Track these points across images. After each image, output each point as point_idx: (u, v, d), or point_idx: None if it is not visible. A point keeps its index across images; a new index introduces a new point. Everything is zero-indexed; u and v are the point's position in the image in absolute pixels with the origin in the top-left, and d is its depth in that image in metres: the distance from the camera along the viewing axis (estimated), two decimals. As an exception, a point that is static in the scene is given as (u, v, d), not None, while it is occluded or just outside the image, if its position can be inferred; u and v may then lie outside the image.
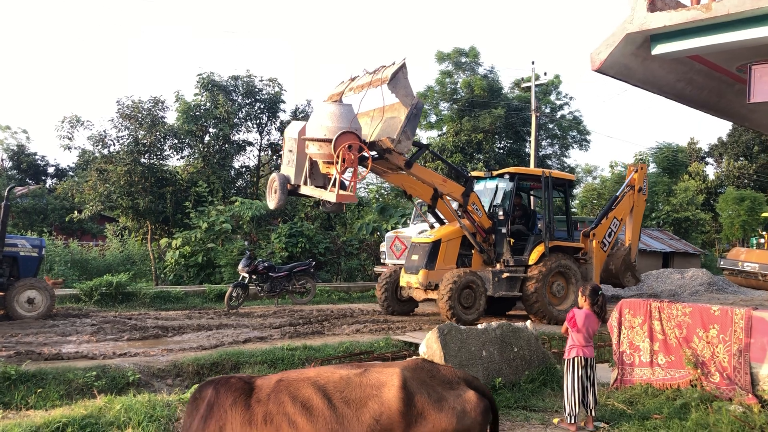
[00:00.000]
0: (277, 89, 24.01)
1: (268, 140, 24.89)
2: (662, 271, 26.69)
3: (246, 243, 18.56)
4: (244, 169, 24.64)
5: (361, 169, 11.52)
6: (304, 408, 3.24)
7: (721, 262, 29.33)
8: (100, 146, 20.93)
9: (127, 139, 21.10)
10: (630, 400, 7.20)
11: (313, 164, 12.25)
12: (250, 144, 24.34)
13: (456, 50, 33.95)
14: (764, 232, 29.83)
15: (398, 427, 3.26)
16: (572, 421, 6.35)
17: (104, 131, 21.05)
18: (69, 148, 21.14)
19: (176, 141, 22.17)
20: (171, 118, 22.37)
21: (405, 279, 13.51)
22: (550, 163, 37.21)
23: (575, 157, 52.39)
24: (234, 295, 15.08)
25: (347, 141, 10.97)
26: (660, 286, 24.78)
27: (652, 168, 43.58)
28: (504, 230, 13.55)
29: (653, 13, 7.52)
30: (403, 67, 11.40)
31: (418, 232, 17.27)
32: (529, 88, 33.43)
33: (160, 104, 21.41)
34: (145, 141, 21.18)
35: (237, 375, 3.69)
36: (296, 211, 22.78)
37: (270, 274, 15.80)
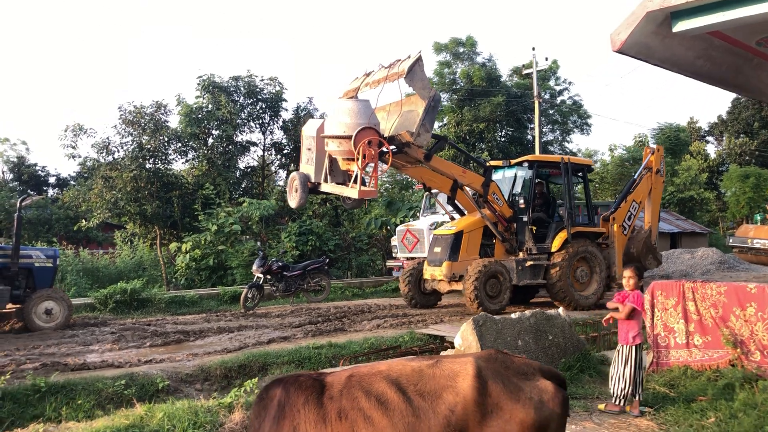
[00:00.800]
0: (278, 88, 23.89)
1: (271, 140, 24.78)
2: (672, 252, 26.59)
3: (259, 243, 18.46)
4: (249, 170, 24.50)
5: (381, 164, 11.46)
6: (378, 402, 3.14)
7: (730, 240, 29.30)
8: (104, 153, 20.80)
9: (131, 145, 20.97)
10: (671, 382, 7.11)
11: (333, 161, 12.19)
12: (254, 144, 24.23)
13: (453, 40, 33.83)
14: (772, 208, 29.82)
15: (473, 418, 3.16)
16: (621, 403, 6.30)
17: (108, 138, 20.96)
18: (73, 156, 21.02)
19: (180, 145, 22.02)
20: (173, 121, 22.25)
21: (429, 271, 13.48)
22: (552, 148, 37.08)
23: (577, 141, 52.35)
24: (249, 296, 14.99)
25: (367, 137, 10.92)
26: (671, 267, 24.67)
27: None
28: (525, 218, 13.53)
29: (675, -11, 7.42)
30: (419, 60, 11.37)
31: (429, 224, 17.20)
32: (528, 74, 33.39)
33: (163, 108, 21.29)
34: (149, 146, 21.04)
35: (304, 372, 3.58)
36: (304, 209, 22.66)
37: (284, 273, 15.72)
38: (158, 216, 21.00)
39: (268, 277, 15.54)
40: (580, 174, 14.70)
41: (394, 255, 18.36)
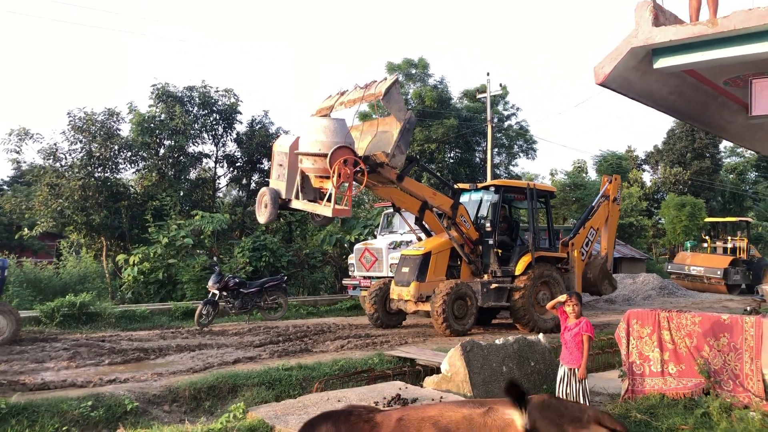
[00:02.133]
0: (233, 100, 23.52)
1: (223, 152, 24.34)
2: (614, 277, 27.20)
3: (215, 258, 18.05)
4: (200, 182, 23.99)
5: (354, 183, 11.46)
6: None
7: (669, 266, 30.38)
8: (51, 160, 20.01)
9: (80, 152, 20.25)
10: (650, 410, 7.24)
11: (305, 178, 12.06)
12: (207, 156, 23.73)
13: (406, 61, 34.10)
14: (707, 237, 31.03)
15: None
16: None
17: (55, 144, 20.17)
18: (17, 162, 20.14)
19: (130, 154, 21.40)
20: (125, 130, 21.62)
21: (396, 291, 13.46)
22: (498, 171, 37.69)
23: (522, 165, 53.40)
24: (204, 312, 14.61)
25: (343, 156, 10.92)
26: (614, 292, 25.22)
27: (593, 176, 44.80)
28: (491, 241, 13.71)
29: (658, 27, 7.65)
30: (396, 82, 11.54)
31: (388, 243, 17.18)
32: (478, 98, 33.95)
33: (115, 116, 20.66)
34: (99, 154, 20.38)
35: (353, 409, 3.46)
36: (257, 224, 22.32)
37: (241, 290, 15.40)
38: (106, 226, 20.31)
39: (224, 293, 15.19)
40: (542, 200, 14.97)
41: (350, 273, 18.23)
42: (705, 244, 30.67)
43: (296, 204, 12.37)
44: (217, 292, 14.93)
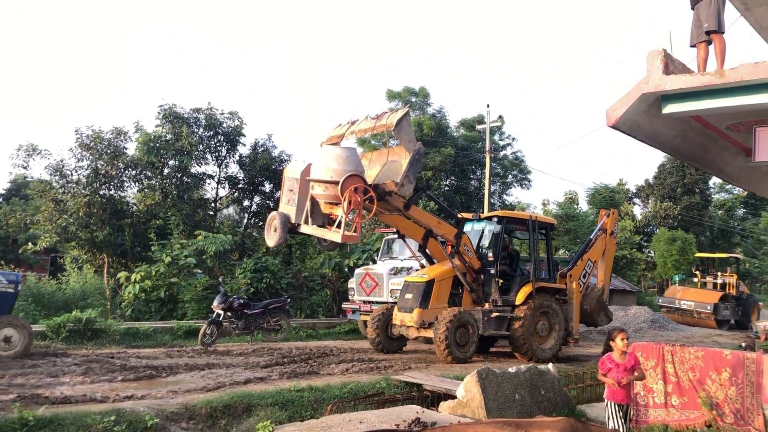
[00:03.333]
0: (237, 122, 23.90)
1: (226, 173, 24.67)
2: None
3: (220, 279, 18.26)
4: (201, 202, 24.26)
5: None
6: None
7: (659, 300, 30.80)
8: (58, 176, 20.25)
9: (87, 169, 20.52)
10: (656, 441, 7.56)
11: (314, 204, 12.37)
12: (210, 177, 24.06)
13: (406, 89, 34.75)
14: (697, 272, 31.52)
15: None
16: None
17: (62, 160, 20.43)
18: (25, 177, 20.37)
19: (135, 172, 21.68)
20: (131, 148, 21.92)
21: (399, 317, 13.72)
22: (492, 200, 38.25)
23: (516, 194, 54.30)
24: (208, 332, 14.82)
25: (354, 184, 11.26)
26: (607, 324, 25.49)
27: (584, 207, 45.41)
28: (493, 271, 14.02)
29: (668, 75, 8.10)
30: (407, 114, 11.91)
31: (389, 268, 17.49)
32: (475, 128, 34.57)
33: (123, 135, 20.97)
34: (105, 171, 20.64)
35: (396, 428, 3.73)
36: (257, 245, 22.59)
37: (245, 311, 15.62)
38: (108, 243, 20.50)
39: (228, 313, 15.41)
40: (543, 231, 15.34)
41: (350, 297, 18.48)
42: (695, 279, 31.14)
43: (305, 229, 12.67)
44: (221, 312, 15.13)
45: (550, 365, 8.43)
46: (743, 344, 13.89)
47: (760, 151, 8.14)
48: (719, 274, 29.79)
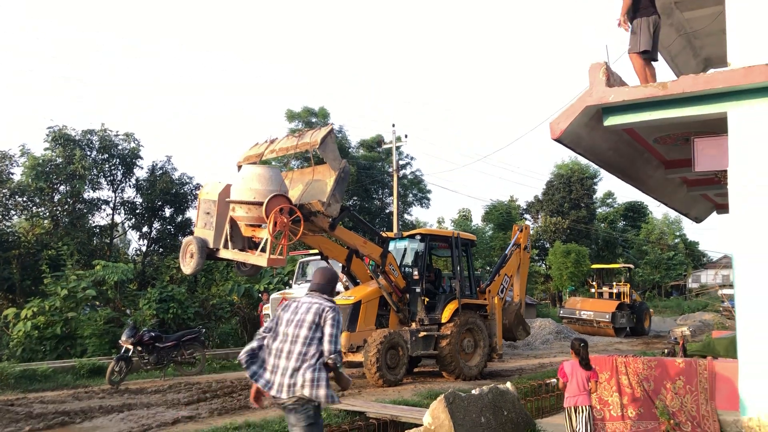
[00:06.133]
0: (133, 144, 22.63)
1: (121, 198, 23.25)
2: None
3: (128, 311, 17.01)
4: (97, 230, 22.71)
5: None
6: None
7: (561, 311, 31.80)
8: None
9: (-35, 197, 18.76)
10: (619, 454, 7.47)
11: (233, 226, 11.69)
12: (105, 202, 22.57)
13: (306, 110, 34.38)
14: (594, 282, 32.83)
15: None
16: None
17: (-65, 188, 18.56)
18: None
19: (23, 199, 19.99)
20: (17, 173, 20.21)
21: None
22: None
23: (415, 213, 55.06)
24: (116, 369, 13.68)
25: (279, 204, 10.76)
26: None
27: (479, 224, 46.49)
28: (418, 289, 13.78)
29: (611, 87, 8.18)
30: (331, 131, 11.57)
31: (306, 292, 16.90)
32: (374, 148, 34.70)
33: (8, 159, 19.30)
34: (-13, 199, 18.95)
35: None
36: (160, 273, 21.36)
37: (157, 344, 14.57)
38: (-6, 278, 18.75)
39: (138, 348, 14.32)
40: (464, 248, 15.31)
41: (265, 324, 17.70)
42: (592, 290, 32.41)
43: (225, 254, 11.98)
44: (131, 347, 14.04)
45: (508, 384, 8.22)
46: (665, 351, 14.36)
47: (699, 162, 8.33)
48: (615, 284, 31.13)
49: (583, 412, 7.21)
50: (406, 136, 30.60)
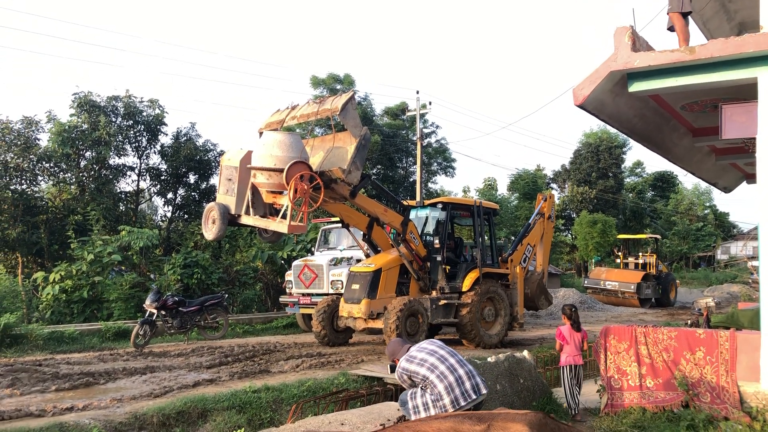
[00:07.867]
0: (158, 111, 22.69)
1: (146, 164, 23.41)
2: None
3: (152, 276, 17.23)
4: (123, 195, 22.93)
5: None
6: None
7: (585, 281, 31.56)
8: (-39, 171, 18.64)
9: (-6, 163, 18.98)
10: (636, 424, 7.41)
11: (255, 193, 11.68)
12: (131, 168, 22.75)
13: (331, 76, 34.07)
14: (619, 253, 32.47)
15: None
16: (572, 413, 7.90)
17: (-35, 154, 18.81)
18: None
19: (50, 165, 20.21)
20: (43, 139, 20.41)
21: (346, 309, 13.23)
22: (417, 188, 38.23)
23: (440, 182, 54.94)
24: (141, 333, 13.97)
25: (300, 171, 10.65)
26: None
27: (505, 193, 46.16)
28: (439, 258, 13.73)
29: (636, 52, 7.94)
30: (352, 98, 11.42)
31: (328, 260, 16.96)
32: (401, 115, 34.41)
33: (34, 125, 19.48)
34: (15, 165, 19.14)
35: None
36: (184, 239, 21.56)
37: (180, 309, 14.76)
38: (22, 242, 19.03)
39: (162, 312, 14.53)
40: (486, 216, 15.18)
41: (288, 291, 17.82)
42: (617, 260, 32.07)
43: (246, 220, 11.97)
44: (155, 311, 14.25)
45: (525, 352, 8.19)
46: (689, 321, 14.20)
47: (727, 129, 8.11)
48: (641, 254, 30.77)
49: (580, 369, 8.09)
50: (430, 104, 30.29)
